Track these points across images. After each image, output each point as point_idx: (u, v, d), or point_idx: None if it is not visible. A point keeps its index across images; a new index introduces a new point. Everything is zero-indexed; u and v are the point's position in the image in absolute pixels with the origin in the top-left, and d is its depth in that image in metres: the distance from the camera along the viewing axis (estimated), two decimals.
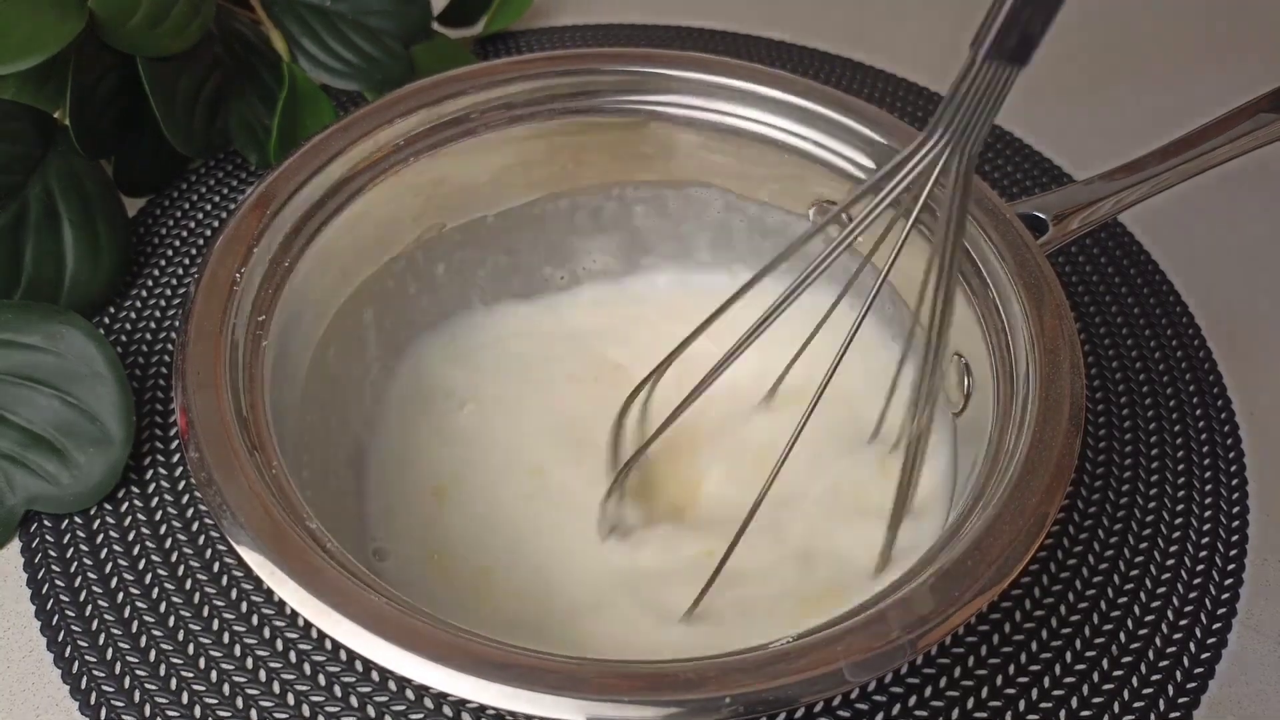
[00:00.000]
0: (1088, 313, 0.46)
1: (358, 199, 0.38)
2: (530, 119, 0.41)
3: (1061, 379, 0.32)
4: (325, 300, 0.38)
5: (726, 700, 0.25)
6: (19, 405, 0.39)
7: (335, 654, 0.36)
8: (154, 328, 0.44)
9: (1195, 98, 0.47)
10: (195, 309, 0.33)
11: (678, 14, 0.60)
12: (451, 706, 0.35)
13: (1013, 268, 0.35)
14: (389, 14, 0.51)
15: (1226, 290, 0.48)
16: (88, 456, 0.38)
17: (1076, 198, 0.39)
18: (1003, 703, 0.35)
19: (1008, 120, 0.55)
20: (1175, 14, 0.63)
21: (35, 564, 0.38)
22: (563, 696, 0.26)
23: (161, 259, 0.47)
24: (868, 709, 0.35)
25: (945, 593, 0.28)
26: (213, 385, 0.31)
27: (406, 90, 0.40)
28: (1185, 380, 0.44)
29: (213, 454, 0.30)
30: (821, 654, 0.26)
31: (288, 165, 0.37)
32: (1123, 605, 0.38)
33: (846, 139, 0.40)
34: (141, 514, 0.39)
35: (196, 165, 0.50)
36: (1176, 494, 0.41)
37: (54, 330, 0.39)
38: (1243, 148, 0.39)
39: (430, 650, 0.26)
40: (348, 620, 0.27)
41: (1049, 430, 0.31)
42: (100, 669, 0.35)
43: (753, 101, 0.41)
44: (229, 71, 0.48)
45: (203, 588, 0.37)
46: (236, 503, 0.29)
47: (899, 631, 0.27)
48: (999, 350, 0.34)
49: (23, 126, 0.42)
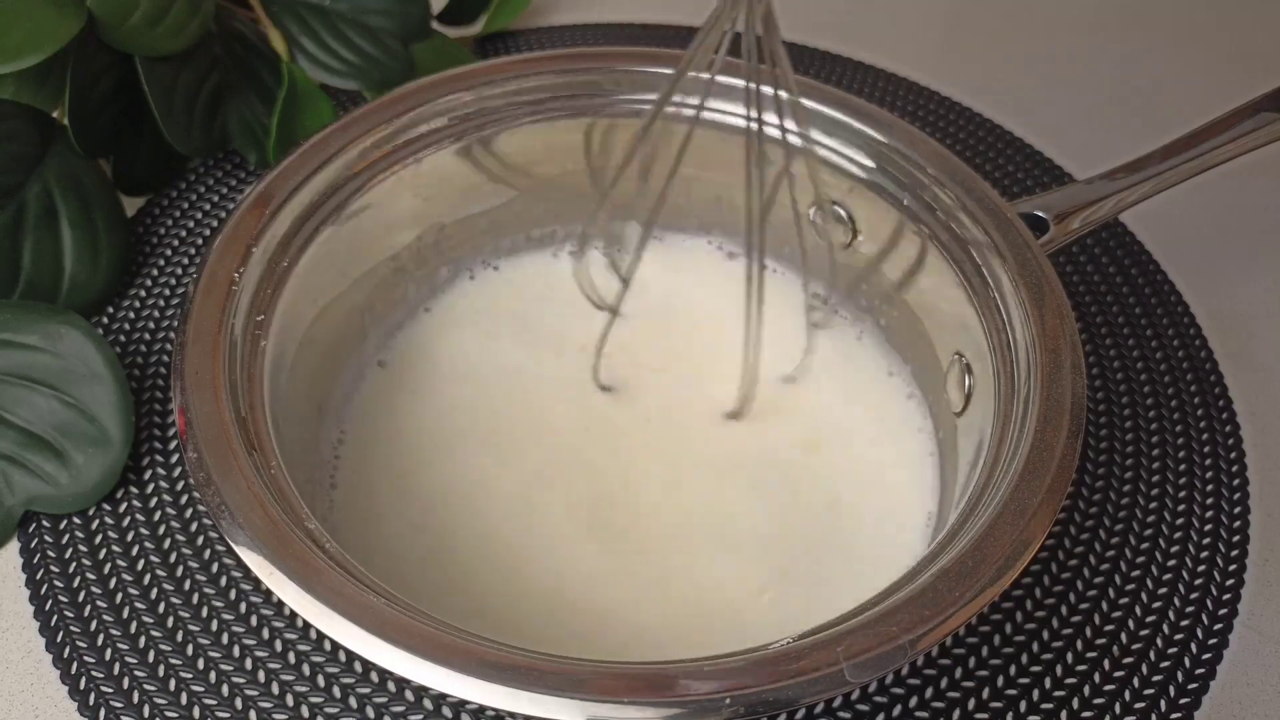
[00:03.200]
0: (1089, 312, 0.46)
1: (357, 198, 0.38)
2: (531, 117, 0.41)
3: (1063, 378, 0.32)
4: (323, 299, 0.38)
5: (727, 701, 0.25)
6: (17, 405, 0.39)
7: (334, 655, 0.36)
8: (153, 328, 0.44)
9: (1196, 97, 0.47)
10: (194, 309, 0.33)
11: (677, 14, 0.60)
12: (451, 707, 0.35)
13: (1014, 267, 0.35)
14: (388, 13, 0.51)
15: (1228, 290, 0.48)
16: (86, 457, 0.38)
17: (1078, 197, 0.39)
18: (1004, 704, 0.35)
19: (1009, 120, 0.55)
20: (1175, 14, 0.62)
21: (34, 565, 0.38)
22: (563, 697, 0.26)
23: (160, 258, 0.47)
24: (868, 710, 0.35)
25: (946, 593, 0.28)
26: (211, 385, 0.31)
27: (405, 90, 0.40)
28: (1187, 380, 0.44)
29: (211, 454, 0.30)
30: (822, 655, 0.26)
31: (287, 165, 0.37)
32: (1124, 606, 0.38)
33: (847, 137, 0.40)
34: (140, 514, 0.39)
35: (195, 165, 0.50)
36: (1178, 494, 0.41)
37: (52, 330, 0.39)
38: (1244, 147, 0.39)
39: (430, 651, 0.26)
40: (347, 621, 0.27)
41: (1050, 430, 0.31)
42: (99, 670, 0.35)
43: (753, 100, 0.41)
44: (228, 71, 0.48)
45: (201, 588, 0.37)
46: (235, 503, 0.29)
47: (900, 632, 0.27)
48: (1000, 350, 0.34)
49: (21, 126, 0.42)
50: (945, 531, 0.30)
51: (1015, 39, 0.61)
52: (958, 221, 0.37)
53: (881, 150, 0.39)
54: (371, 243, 0.40)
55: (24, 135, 0.42)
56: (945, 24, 0.62)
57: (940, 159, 0.38)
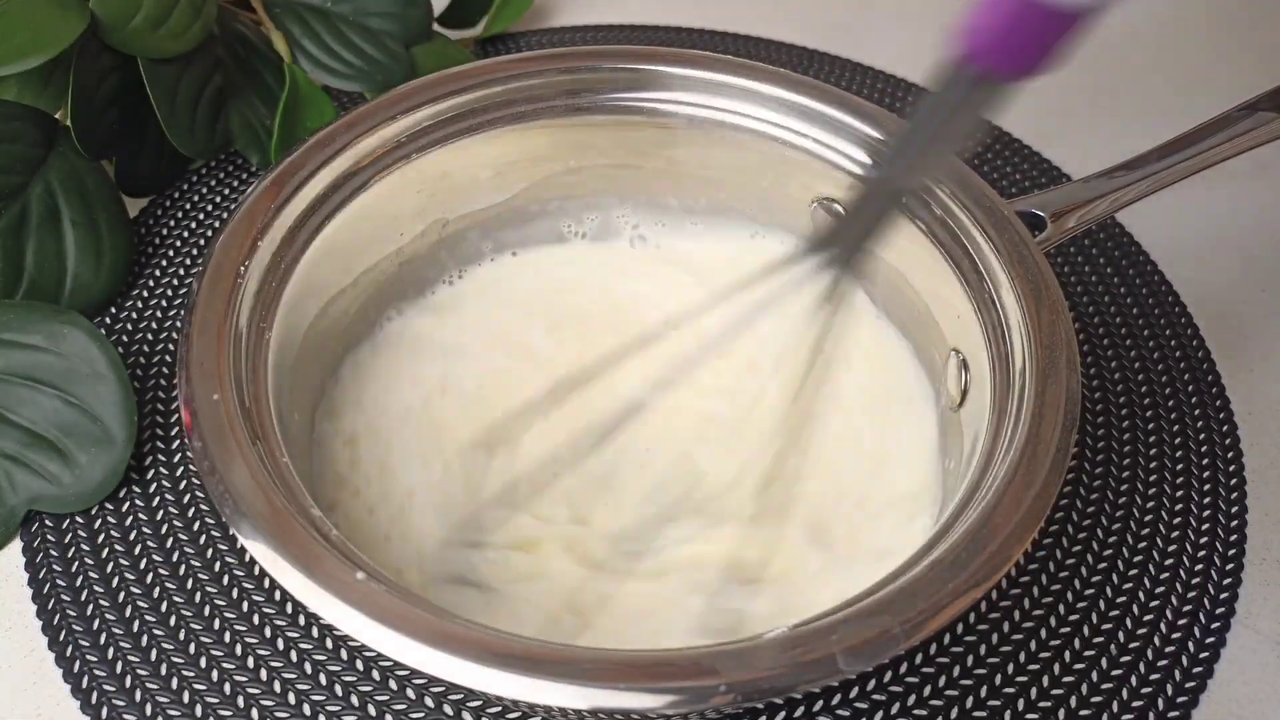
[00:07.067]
0: (1086, 312, 0.46)
1: (362, 194, 0.38)
2: (533, 115, 0.41)
3: (1058, 375, 0.32)
4: (327, 293, 0.39)
5: (722, 688, 0.26)
6: (21, 405, 0.39)
7: (336, 653, 0.36)
8: (155, 328, 0.44)
9: (1194, 96, 0.47)
10: (199, 301, 0.33)
11: (677, 14, 0.60)
12: (452, 705, 0.35)
13: (1010, 264, 0.35)
14: (390, 15, 0.51)
15: (1224, 288, 0.48)
16: (89, 456, 0.38)
17: (1074, 195, 0.39)
18: (1001, 702, 0.35)
19: (1007, 120, 0.55)
20: (1175, 13, 0.63)
21: (37, 564, 0.38)
22: (565, 684, 0.26)
23: (163, 259, 0.47)
24: (867, 708, 0.35)
25: (940, 584, 0.28)
26: (216, 376, 0.31)
27: (411, 86, 0.40)
28: (1184, 380, 0.44)
29: (215, 443, 0.30)
30: (816, 643, 0.26)
31: (293, 159, 0.37)
32: (1121, 605, 0.38)
33: (847, 136, 0.40)
34: (143, 514, 0.39)
35: (198, 166, 0.51)
36: (1175, 494, 0.41)
37: (56, 330, 0.39)
38: (1241, 146, 0.39)
39: (433, 639, 0.26)
40: (350, 608, 0.27)
41: (1045, 425, 0.31)
42: (101, 668, 0.35)
43: (754, 99, 0.41)
44: (230, 73, 0.48)
45: (204, 587, 0.37)
46: (238, 492, 0.29)
47: (893, 621, 0.27)
48: (996, 345, 0.34)
49: (25, 127, 0.42)
50: (940, 523, 0.30)
51: None
52: (955, 219, 0.37)
53: (879, 148, 0.39)
54: (376, 237, 0.40)
55: (27, 136, 0.42)
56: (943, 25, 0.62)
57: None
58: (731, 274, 0.44)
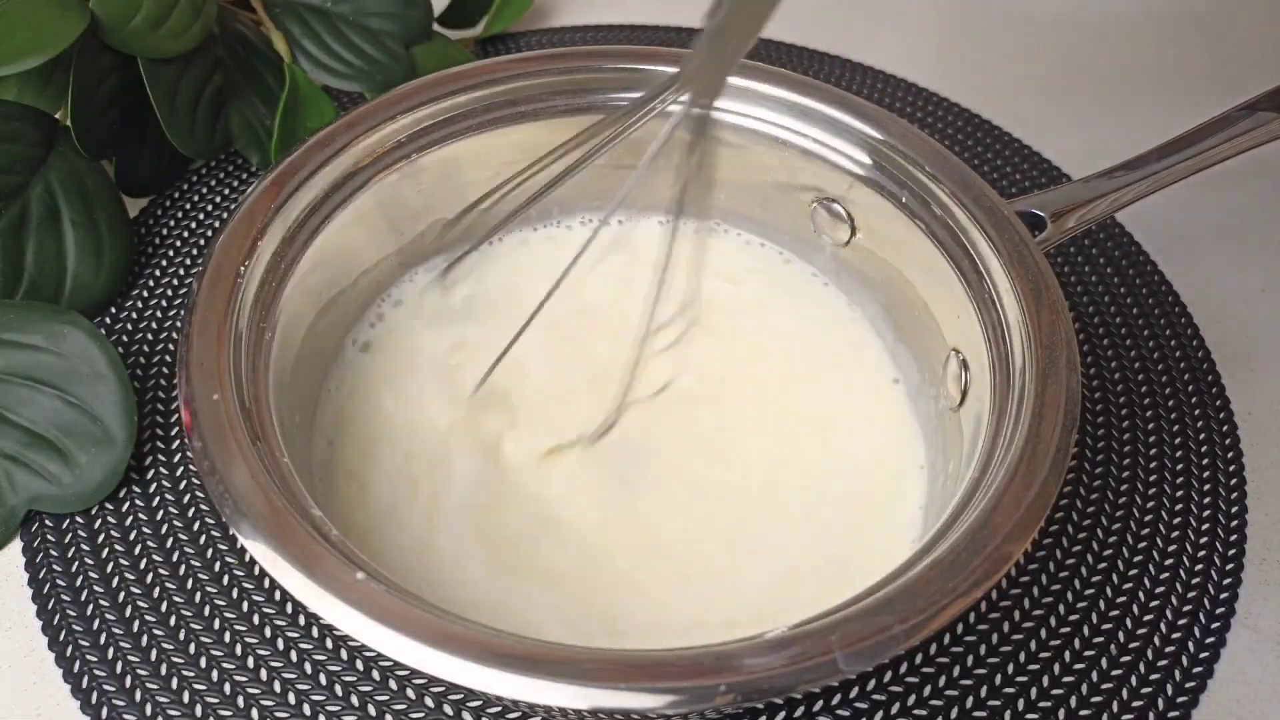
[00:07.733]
0: (1086, 312, 0.46)
1: (362, 194, 0.38)
2: (533, 115, 0.41)
3: (1058, 375, 0.32)
4: (327, 293, 0.39)
5: (722, 688, 0.26)
6: (21, 405, 0.39)
7: (336, 653, 0.36)
8: (155, 328, 0.44)
9: (1193, 96, 0.47)
10: (199, 301, 0.33)
11: (677, 14, 0.60)
12: (452, 705, 0.35)
13: (1010, 264, 0.35)
14: (390, 15, 0.51)
15: (1223, 288, 0.48)
16: (89, 456, 0.39)
17: (1074, 196, 0.39)
18: (1002, 702, 0.35)
19: (1006, 120, 0.55)
20: (1174, 13, 0.63)
21: (37, 564, 0.38)
22: (565, 684, 0.26)
23: (163, 259, 0.47)
24: (867, 708, 0.35)
25: (940, 584, 0.28)
26: (216, 376, 0.31)
27: (411, 86, 0.40)
28: (1184, 380, 0.44)
29: (215, 443, 0.30)
30: (816, 643, 0.26)
31: (293, 159, 0.37)
32: (1121, 605, 0.38)
33: (847, 136, 0.40)
34: (143, 514, 0.39)
35: (198, 166, 0.51)
36: (1175, 493, 0.41)
37: (56, 330, 0.39)
38: (1240, 146, 0.40)
39: (433, 639, 0.26)
40: (350, 608, 0.27)
41: (1045, 425, 0.31)
42: (101, 668, 0.35)
43: (754, 99, 0.41)
44: (230, 73, 0.48)
45: (204, 587, 0.37)
46: (238, 492, 0.29)
47: (893, 621, 0.27)
48: (996, 345, 0.34)
49: (25, 127, 0.42)
50: (941, 523, 0.30)
51: (1012, 40, 0.61)
52: (955, 219, 0.37)
53: (880, 149, 0.39)
54: (376, 237, 0.40)
55: (27, 136, 0.42)
56: (943, 26, 0.62)
57: (938, 158, 0.39)
58: (731, 274, 0.44)
